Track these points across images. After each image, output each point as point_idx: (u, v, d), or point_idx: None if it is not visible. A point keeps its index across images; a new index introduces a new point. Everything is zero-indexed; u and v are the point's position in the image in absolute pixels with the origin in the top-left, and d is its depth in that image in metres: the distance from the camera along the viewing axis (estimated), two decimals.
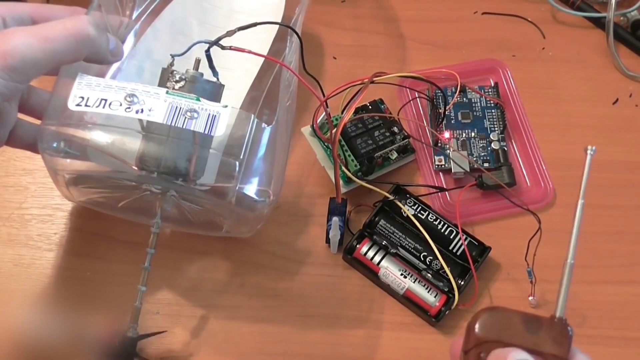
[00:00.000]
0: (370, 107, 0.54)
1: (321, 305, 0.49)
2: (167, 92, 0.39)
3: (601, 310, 0.50)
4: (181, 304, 0.49)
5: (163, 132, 0.41)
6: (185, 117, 0.38)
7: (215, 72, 0.42)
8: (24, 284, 0.49)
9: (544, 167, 0.54)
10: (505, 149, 0.55)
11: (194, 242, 0.50)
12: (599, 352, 0.48)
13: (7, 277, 0.49)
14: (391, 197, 0.51)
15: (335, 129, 0.47)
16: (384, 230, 0.50)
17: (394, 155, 0.52)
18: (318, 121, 0.50)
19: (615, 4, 0.59)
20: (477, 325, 0.33)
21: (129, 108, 0.38)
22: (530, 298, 0.49)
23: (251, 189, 0.42)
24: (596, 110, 0.58)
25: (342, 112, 0.52)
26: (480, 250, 0.50)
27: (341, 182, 0.50)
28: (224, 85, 0.43)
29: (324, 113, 0.50)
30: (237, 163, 0.41)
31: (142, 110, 0.38)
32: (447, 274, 0.48)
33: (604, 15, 0.60)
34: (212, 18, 0.53)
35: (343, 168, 0.50)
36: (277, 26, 0.52)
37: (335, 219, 0.48)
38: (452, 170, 0.53)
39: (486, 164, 0.54)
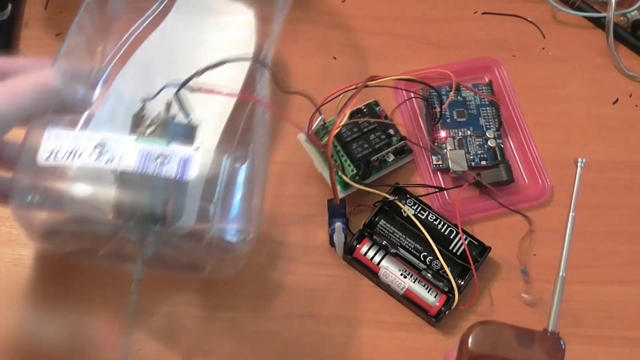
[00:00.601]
0: (365, 110, 0.54)
1: (321, 305, 0.49)
2: (137, 139, 0.38)
3: (601, 310, 0.50)
4: (181, 304, 0.49)
5: (137, 178, 0.40)
6: (157, 164, 0.37)
7: (187, 113, 0.42)
8: (24, 284, 0.49)
9: (541, 164, 0.54)
10: (502, 146, 0.55)
11: None
12: (599, 352, 0.48)
13: (7, 277, 0.49)
14: (391, 198, 0.51)
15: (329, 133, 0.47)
16: (384, 230, 0.50)
17: (391, 157, 0.52)
18: (313, 127, 0.50)
19: (615, 4, 0.59)
20: (470, 339, 0.33)
21: (99, 158, 0.37)
22: (524, 295, 0.49)
23: (228, 230, 0.41)
24: (596, 110, 0.58)
25: (338, 114, 0.51)
26: (480, 250, 0.50)
27: (339, 187, 0.50)
28: (197, 126, 0.42)
29: (319, 119, 0.50)
30: (212, 206, 0.40)
31: (112, 160, 0.37)
32: (447, 274, 0.48)
33: (604, 15, 0.60)
34: (183, 57, 0.52)
35: (340, 174, 0.50)
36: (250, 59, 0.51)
37: (338, 224, 0.48)
38: (450, 170, 0.53)
39: (483, 162, 0.54)
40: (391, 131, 0.53)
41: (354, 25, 0.61)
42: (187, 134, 0.42)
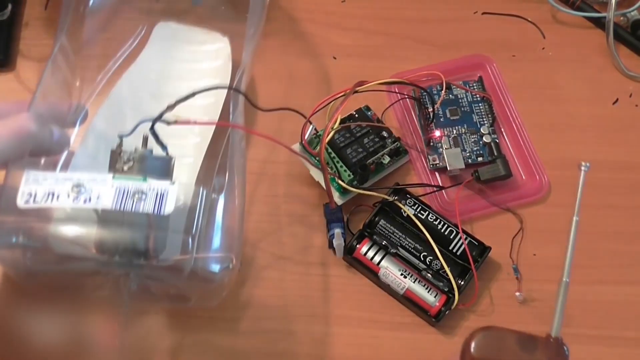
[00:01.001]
0: (356, 115, 0.54)
1: (321, 305, 0.49)
2: (113, 177, 0.39)
3: (601, 310, 0.50)
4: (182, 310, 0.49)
5: (118, 214, 0.40)
6: (134, 200, 0.38)
7: (164, 147, 0.42)
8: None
9: (537, 159, 0.54)
10: (497, 141, 0.55)
11: None
12: (599, 352, 0.48)
13: (7, 277, 0.49)
14: (391, 199, 0.51)
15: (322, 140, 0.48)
16: (384, 230, 0.50)
17: (387, 159, 0.52)
18: (306, 137, 0.50)
19: (615, 4, 0.59)
20: (472, 345, 0.33)
21: (77, 198, 0.38)
22: (517, 294, 0.49)
23: (211, 260, 0.41)
24: (596, 110, 0.58)
25: (330, 121, 0.51)
26: (481, 250, 0.50)
27: (337, 193, 0.50)
28: (174, 158, 0.43)
29: (310, 129, 0.50)
30: (191, 237, 0.40)
31: (89, 199, 0.38)
32: (447, 274, 0.48)
33: (604, 15, 0.60)
34: (161, 90, 0.53)
35: (337, 180, 0.50)
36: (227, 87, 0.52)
37: (337, 230, 0.48)
38: (448, 168, 0.53)
39: (480, 158, 0.54)
40: (384, 133, 0.53)
41: (354, 25, 0.61)
42: (165, 167, 0.42)
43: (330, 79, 0.58)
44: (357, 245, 0.50)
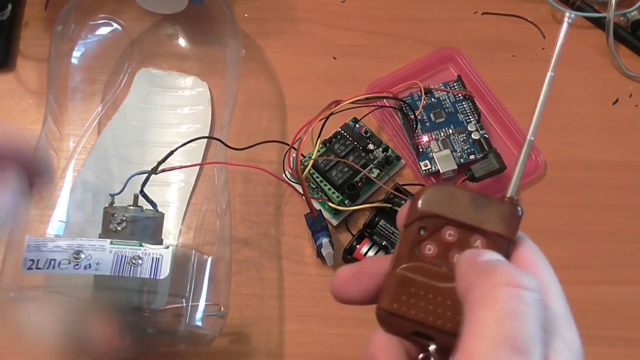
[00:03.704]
0: (343, 131, 0.53)
1: (321, 305, 0.49)
2: (111, 243, 0.40)
3: (601, 311, 0.50)
4: None
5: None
6: (131, 265, 0.39)
7: (154, 205, 0.44)
8: None
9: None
10: (486, 136, 0.54)
11: None
12: (599, 352, 0.48)
13: None
14: (389, 206, 0.50)
15: (307, 165, 0.50)
16: (384, 230, 0.50)
17: (375, 172, 0.52)
18: (291, 164, 0.50)
19: (615, 4, 0.59)
20: (420, 199, 0.30)
21: (77, 265, 0.39)
22: None
23: (202, 312, 0.42)
24: (596, 110, 0.58)
25: (315, 145, 0.51)
26: None
27: (330, 214, 0.51)
28: (163, 214, 0.44)
29: (293, 156, 0.50)
30: (184, 301, 0.42)
31: (89, 265, 0.39)
32: None
33: (604, 15, 0.60)
34: (145, 136, 0.54)
35: (328, 203, 0.50)
36: (208, 130, 0.54)
37: (325, 240, 0.48)
38: (441, 172, 0.53)
39: (472, 156, 0.54)
40: (371, 146, 0.53)
41: (354, 25, 0.61)
42: (156, 225, 0.44)
43: (330, 79, 0.58)
44: (357, 246, 0.50)
